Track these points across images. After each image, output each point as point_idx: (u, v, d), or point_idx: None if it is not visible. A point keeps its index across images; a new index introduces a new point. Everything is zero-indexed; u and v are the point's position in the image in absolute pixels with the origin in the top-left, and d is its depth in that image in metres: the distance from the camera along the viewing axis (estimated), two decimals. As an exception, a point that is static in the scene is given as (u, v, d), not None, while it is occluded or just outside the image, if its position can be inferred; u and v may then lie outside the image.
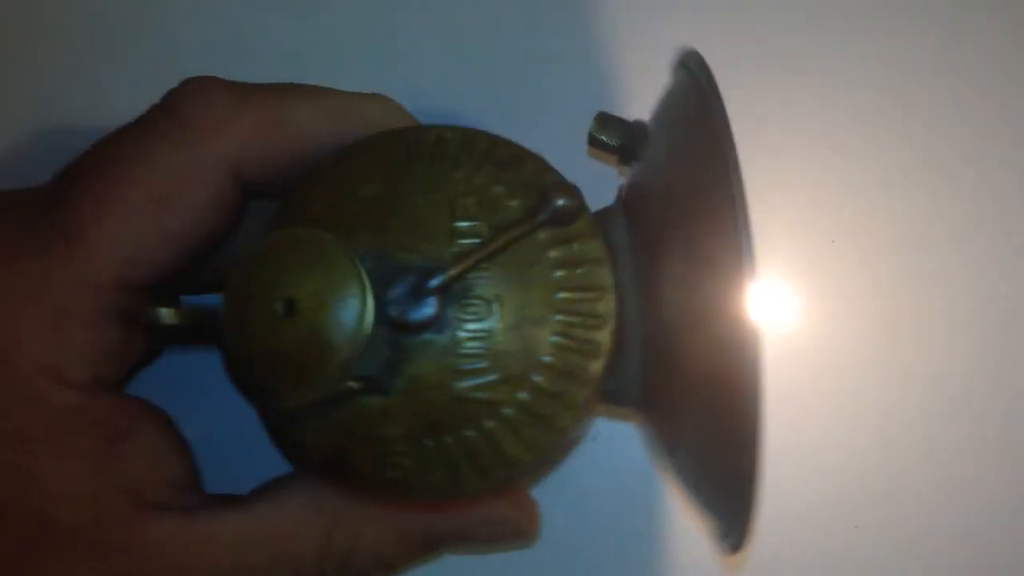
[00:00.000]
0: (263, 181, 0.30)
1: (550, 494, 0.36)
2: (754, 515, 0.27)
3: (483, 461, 0.27)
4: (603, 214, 0.30)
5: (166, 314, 0.28)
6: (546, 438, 0.27)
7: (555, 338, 0.27)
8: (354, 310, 0.26)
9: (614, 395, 0.30)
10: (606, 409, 0.35)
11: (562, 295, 0.27)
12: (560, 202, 0.27)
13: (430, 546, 0.31)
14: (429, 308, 0.26)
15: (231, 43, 0.38)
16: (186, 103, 0.29)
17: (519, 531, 0.32)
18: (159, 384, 0.34)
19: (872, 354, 0.38)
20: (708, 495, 0.29)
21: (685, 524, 0.37)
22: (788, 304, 0.38)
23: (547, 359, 0.27)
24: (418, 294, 0.26)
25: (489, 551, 0.36)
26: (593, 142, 0.32)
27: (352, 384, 0.26)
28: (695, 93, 0.28)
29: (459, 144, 0.28)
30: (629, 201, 0.30)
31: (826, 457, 0.37)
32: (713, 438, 0.27)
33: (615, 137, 0.31)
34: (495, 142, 0.28)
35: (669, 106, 0.30)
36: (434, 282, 0.26)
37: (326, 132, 0.29)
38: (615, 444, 0.37)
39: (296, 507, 0.30)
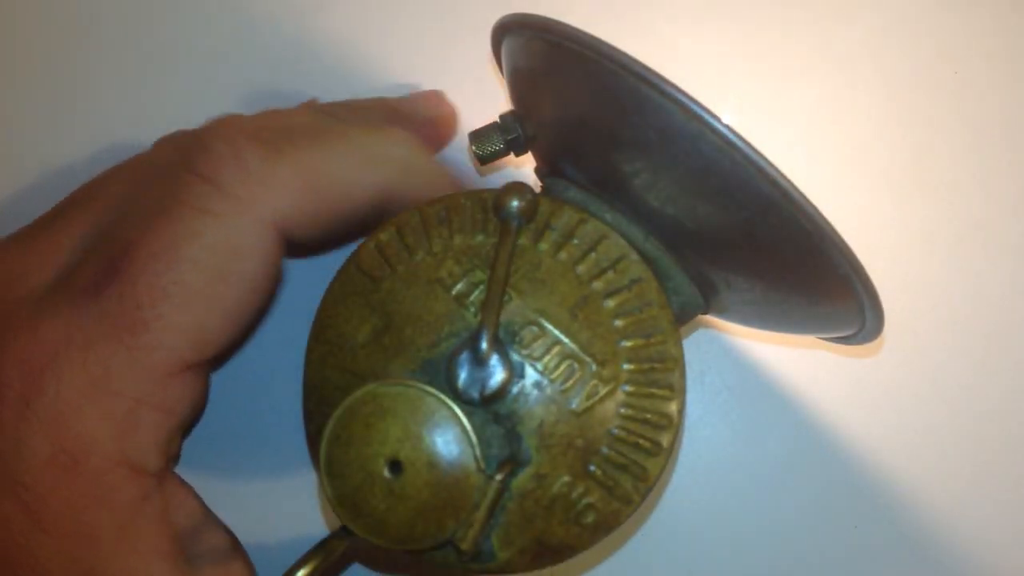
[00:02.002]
0: (305, 235, 0.29)
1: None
2: (876, 294, 0.27)
3: (646, 441, 0.27)
4: (546, 188, 0.30)
5: (302, 570, 0.27)
6: (672, 378, 0.27)
7: (607, 302, 0.27)
8: (446, 421, 0.25)
9: (684, 310, 0.30)
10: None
11: (581, 268, 0.27)
12: (515, 203, 0.27)
13: None
14: (498, 368, 0.26)
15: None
16: (223, 169, 0.27)
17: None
18: None
19: (874, 354, 0.38)
20: (821, 312, 0.29)
21: (685, 524, 0.37)
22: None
23: (618, 322, 0.27)
24: (480, 364, 0.26)
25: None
26: (484, 159, 0.32)
27: (497, 478, 0.25)
28: (536, 38, 0.28)
29: (398, 236, 0.28)
30: (554, 168, 0.30)
31: (825, 460, 0.37)
32: (796, 264, 0.27)
33: (497, 141, 0.32)
34: (422, 210, 0.28)
35: (523, 71, 0.30)
36: (483, 343, 0.26)
37: (362, 179, 0.29)
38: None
39: None
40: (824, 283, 0.27)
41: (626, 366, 0.27)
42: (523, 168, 0.37)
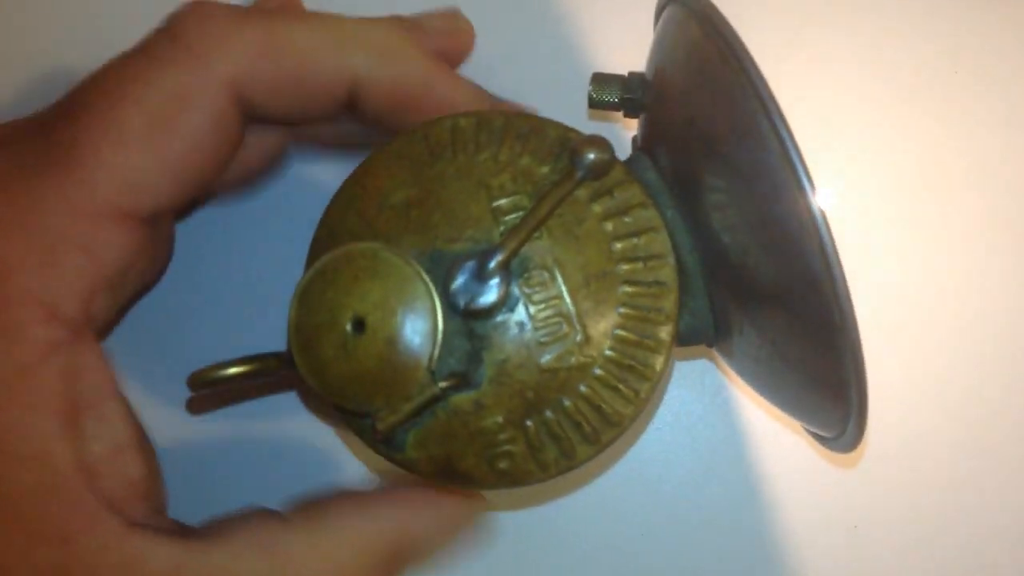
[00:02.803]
0: (264, 106, 0.28)
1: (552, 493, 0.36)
2: (866, 410, 0.27)
3: (588, 426, 0.27)
4: (629, 162, 0.30)
5: (232, 369, 0.27)
6: (642, 386, 0.27)
7: (624, 287, 0.27)
8: (423, 309, 0.26)
9: (690, 334, 0.29)
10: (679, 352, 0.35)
11: (617, 245, 0.27)
12: (591, 156, 0.27)
13: (388, 568, 0.29)
14: (495, 289, 0.26)
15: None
16: (186, 26, 0.27)
17: (475, 514, 0.31)
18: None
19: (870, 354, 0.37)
20: (812, 401, 0.28)
21: (686, 524, 0.37)
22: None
23: (623, 310, 0.27)
24: (481, 279, 0.26)
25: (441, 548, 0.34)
26: (594, 103, 0.32)
27: (441, 385, 0.26)
28: (692, 20, 0.28)
29: (475, 128, 0.28)
30: (649, 145, 0.30)
31: (825, 460, 0.37)
32: (806, 341, 0.27)
33: (614, 93, 0.32)
34: (510, 117, 0.28)
35: (667, 43, 0.30)
36: (493, 262, 0.26)
37: (329, 55, 0.28)
38: (617, 446, 0.37)
39: (241, 545, 0.28)
40: (826, 377, 0.27)
41: (608, 352, 0.27)
42: (626, 129, 0.37)
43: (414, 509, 0.29)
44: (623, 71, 0.32)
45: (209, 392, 0.29)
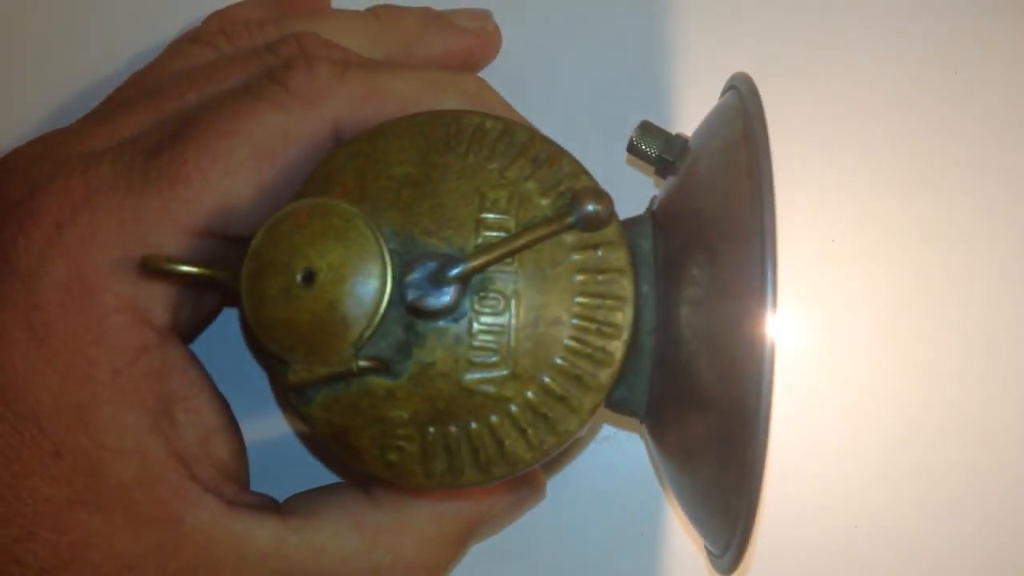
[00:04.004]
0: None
1: (554, 492, 0.37)
2: (750, 540, 0.27)
3: (484, 455, 0.27)
4: (632, 222, 0.30)
5: (185, 267, 0.28)
6: (549, 440, 0.27)
7: (569, 342, 0.27)
8: (373, 288, 0.26)
9: (621, 404, 0.29)
10: (611, 415, 0.35)
11: (581, 300, 0.27)
12: (590, 207, 0.27)
13: (465, 542, 0.32)
14: (447, 296, 0.26)
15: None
16: (296, 76, 0.29)
17: (537, 499, 0.34)
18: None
19: (872, 355, 0.37)
20: (706, 514, 0.29)
21: (686, 523, 0.37)
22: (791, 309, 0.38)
23: (559, 361, 0.27)
24: (438, 281, 0.26)
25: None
26: (632, 149, 0.32)
27: (362, 363, 0.26)
28: (741, 118, 0.27)
29: (498, 135, 0.28)
30: (660, 213, 0.30)
31: (827, 461, 0.37)
32: (716, 461, 0.27)
33: (655, 147, 0.31)
34: (534, 137, 0.28)
35: (713, 126, 0.30)
36: (455, 271, 0.26)
37: (426, 96, 0.30)
38: (622, 445, 0.38)
39: (335, 522, 0.30)
40: (723, 499, 0.27)
41: (529, 395, 0.27)
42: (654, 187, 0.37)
43: (490, 490, 0.32)
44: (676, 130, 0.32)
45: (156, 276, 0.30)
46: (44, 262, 0.28)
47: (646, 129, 0.31)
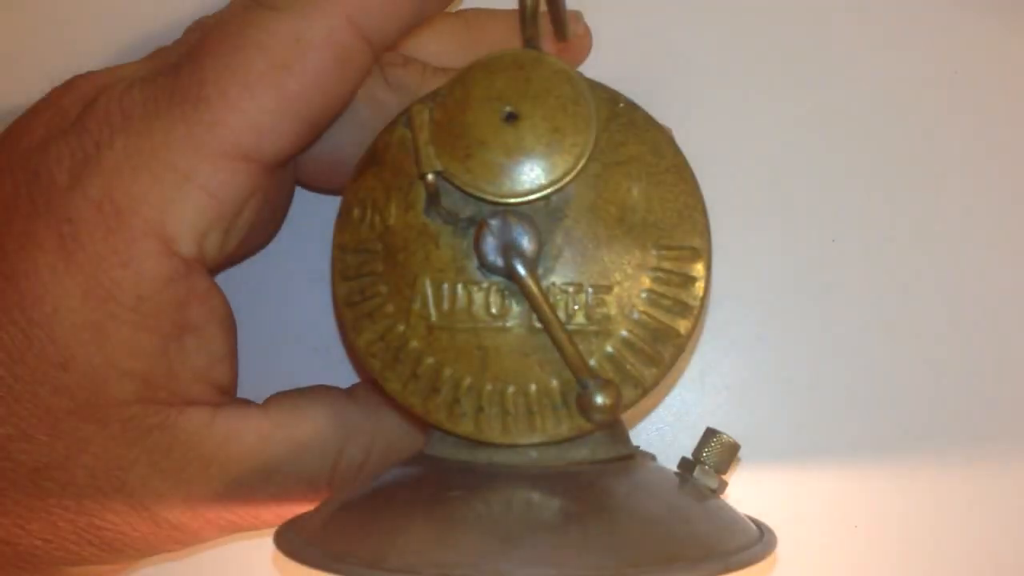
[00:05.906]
0: (387, 36, 0.30)
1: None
2: None
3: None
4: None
5: None
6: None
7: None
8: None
9: None
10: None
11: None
12: (599, 400, 0.27)
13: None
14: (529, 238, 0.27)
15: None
16: None
17: None
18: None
19: (872, 354, 0.38)
20: None
21: None
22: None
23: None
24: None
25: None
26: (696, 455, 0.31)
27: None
28: None
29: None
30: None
31: (827, 461, 0.38)
32: None
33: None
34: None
35: None
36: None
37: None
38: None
39: (315, 419, 0.31)
40: None
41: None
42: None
43: None
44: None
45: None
46: (81, 178, 0.28)
47: (710, 434, 0.31)
